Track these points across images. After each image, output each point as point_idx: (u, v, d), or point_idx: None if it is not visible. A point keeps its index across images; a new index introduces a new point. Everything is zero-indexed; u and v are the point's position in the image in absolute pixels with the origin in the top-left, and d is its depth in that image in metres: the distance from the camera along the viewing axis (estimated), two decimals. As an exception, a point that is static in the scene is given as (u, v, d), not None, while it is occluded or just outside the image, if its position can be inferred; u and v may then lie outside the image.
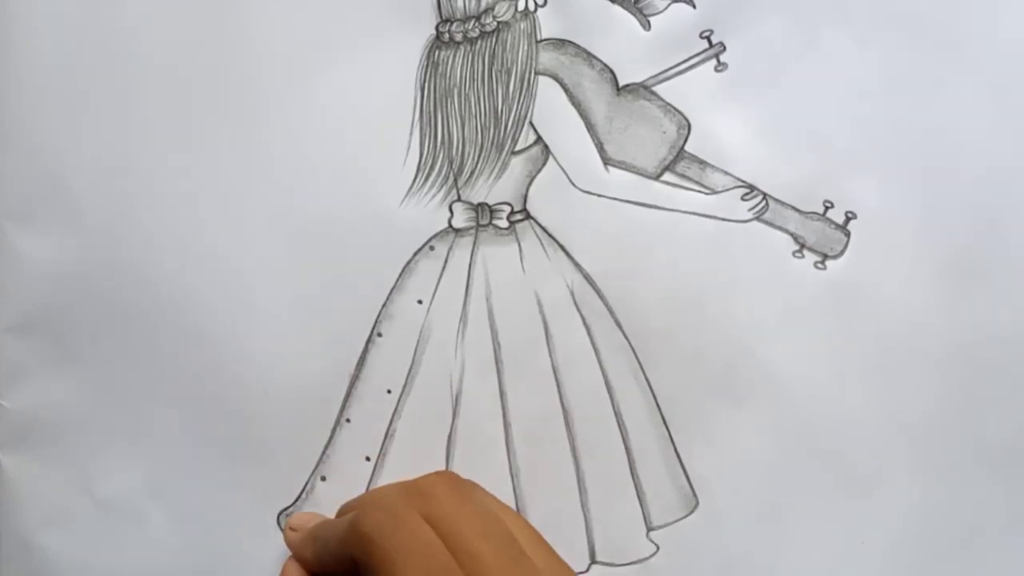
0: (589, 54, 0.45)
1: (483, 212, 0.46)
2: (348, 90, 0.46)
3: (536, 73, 0.46)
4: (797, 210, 0.45)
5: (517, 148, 0.46)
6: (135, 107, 0.47)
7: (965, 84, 0.44)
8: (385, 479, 0.47)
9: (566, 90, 0.46)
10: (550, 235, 0.46)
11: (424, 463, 0.47)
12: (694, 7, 0.45)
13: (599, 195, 0.46)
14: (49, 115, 0.47)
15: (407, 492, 0.38)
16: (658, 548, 0.46)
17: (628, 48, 0.45)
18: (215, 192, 0.47)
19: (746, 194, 0.45)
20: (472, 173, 0.46)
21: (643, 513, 0.46)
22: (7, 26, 0.47)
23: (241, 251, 0.47)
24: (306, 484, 0.47)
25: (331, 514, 0.46)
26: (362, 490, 0.47)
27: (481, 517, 0.37)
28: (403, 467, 0.47)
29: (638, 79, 0.45)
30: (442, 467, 0.47)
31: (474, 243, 0.46)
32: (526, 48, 0.46)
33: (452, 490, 0.38)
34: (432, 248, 0.46)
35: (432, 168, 0.46)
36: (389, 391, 0.47)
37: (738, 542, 0.45)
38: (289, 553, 0.44)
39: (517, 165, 0.46)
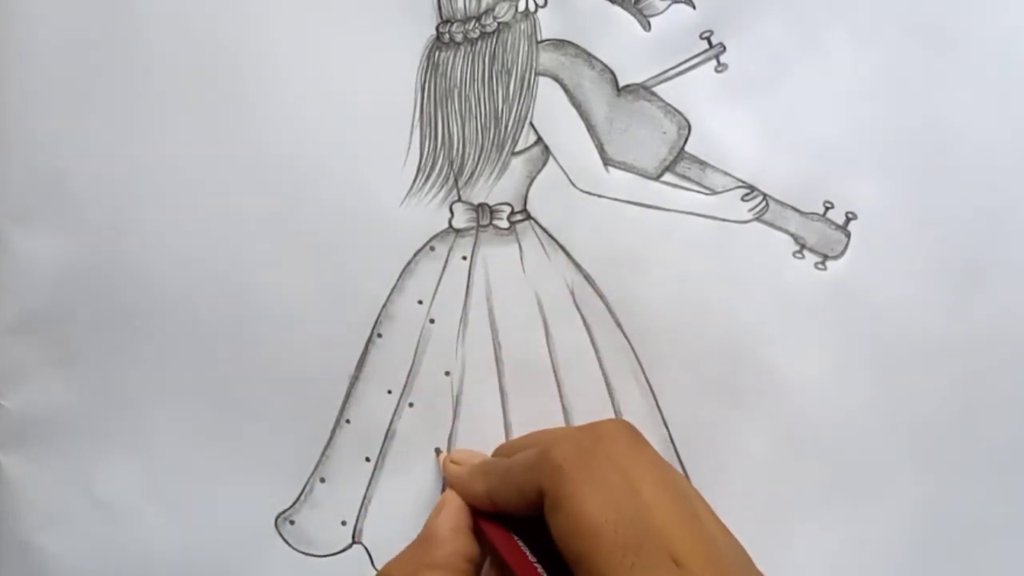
0: (589, 55, 0.45)
1: (483, 212, 0.46)
2: (348, 90, 0.46)
3: (536, 74, 0.46)
4: (797, 211, 0.45)
5: (517, 148, 0.46)
6: (135, 107, 0.47)
7: (965, 84, 0.44)
8: (385, 479, 0.47)
9: (566, 91, 0.46)
10: (550, 235, 0.46)
11: (424, 464, 0.47)
12: (694, 8, 0.45)
13: (599, 196, 0.46)
14: (49, 115, 0.47)
15: (591, 434, 0.38)
16: (658, 549, 0.46)
17: (628, 49, 0.45)
18: (215, 192, 0.47)
19: (746, 195, 0.45)
20: (472, 173, 0.46)
21: (643, 514, 0.46)
22: (7, 26, 0.47)
23: (241, 251, 0.47)
24: (305, 485, 0.47)
25: (334, 520, 0.46)
26: (361, 492, 0.47)
27: (659, 469, 0.37)
28: (403, 468, 0.47)
29: (638, 80, 0.45)
30: (442, 471, 0.47)
31: (474, 243, 0.47)
32: (526, 49, 0.46)
33: (631, 439, 0.38)
34: (432, 248, 0.46)
35: (432, 168, 0.46)
36: (389, 391, 0.47)
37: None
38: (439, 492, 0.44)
39: (517, 165, 0.46)
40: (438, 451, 0.46)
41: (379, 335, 0.47)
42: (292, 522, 0.47)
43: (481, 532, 0.41)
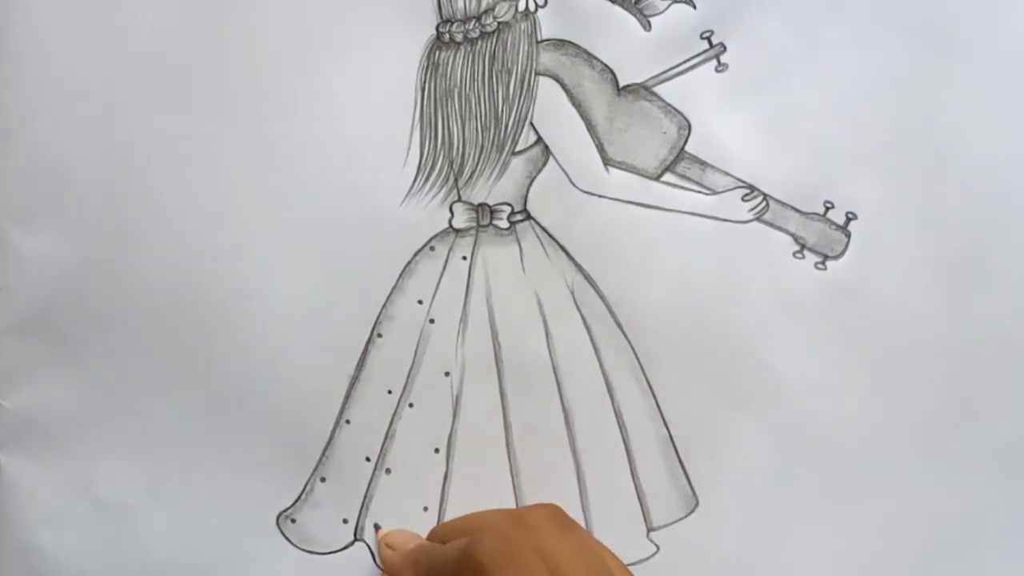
0: (589, 54, 0.45)
1: (483, 212, 0.46)
2: (348, 91, 0.46)
3: (536, 73, 0.46)
4: (798, 211, 0.45)
5: (517, 148, 0.46)
6: (135, 108, 0.47)
7: (965, 84, 0.44)
8: (385, 479, 0.47)
9: (566, 90, 0.46)
10: (550, 235, 0.46)
11: (424, 464, 0.47)
12: (694, 7, 0.45)
13: (600, 196, 0.46)
14: (50, 115, 0.47)
15: (517, 523, 0.39)
16: (658, 548, 0.46)
17: (628, 48, 0.45)
18: (215, 193, 0.47)
19: (746, 195, 0.45)
20: (472, 173, 0.46)
21: (643, 513, 0.46)
22: (7, 26, 0.47)
23: (241, 251, 0.47)
24: (306, 485, 0.47)
25: (335, 518, 0.46)
26: (362, 492, 0.47)
27: (587, 555, 0.38)
28: (403, 468, 0.47)
29: (638, 79, 0.45)
30: (442, 468, 0.47)
31: (474, 243, 0.46)
32: (526, 49, 0.46)
33: (558, 525, 0.39)
34: (432, 248, 0.46)
35: (432, 168, 0.46)
36: (389, 392, 0.47)
37: (738, 542, 0.45)
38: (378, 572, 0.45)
39: (517, 165, 0.46)
40: (377, 527, 0.47)
41: (379, 335, 0.47)
42: (293, 520, 0.47)
43: None
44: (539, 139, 0.46)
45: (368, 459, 0.47)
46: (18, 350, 0.47)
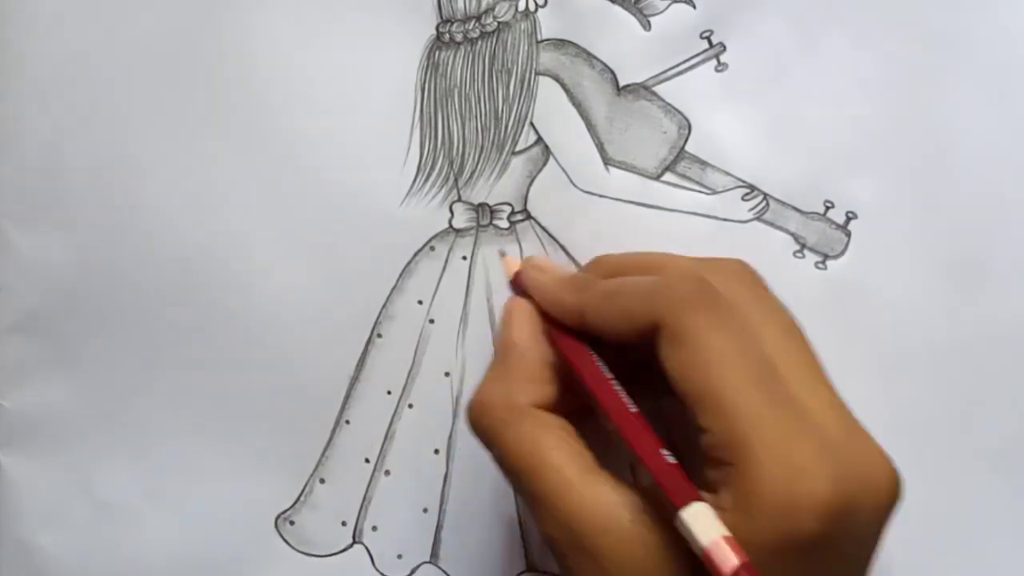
0: (589, 54, 0.45)
1: (483, 212, 0.46)
2: (348, 90, 0.46)
3: (536, 73, 0.46)
4: (798, 210, 0.45)
5: (517, 148, 0.46)
6: (135, 108, 0.47)
7: (965, 84, 0.44)
8: (385, 480, 0.47)
9: (566, 90, 0.46)
10: (551, 235, 0.46)
11: (424, 465, 0.47)
12: (694, 7, 0.45)
13: (600, 195, 0.46)
14: (49, 115, 0.47)
15: (713, 270, 0.36)
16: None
17: (628, 48, 0.45)
18: (215, 193, 0.47)
19: (746, 194, 0.45)
20: (472, 173, 0.46)
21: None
22: (7, 26, 0.47)
23: (240, 251, 0.47)
24: (305, 486, 0.47)
25: (334, 520, 0.46)
26: (361, 493, 0.47)
27: (780, 315, 0.36)
28: (403, 469, 0.47)
29: (638, 79, 0.45)
30: (443, 469, 0.47)
31: (475, 243, 0.47)
32: (526, 48, 0.46)
33: (752, 282, 0.37)
34: (432, 248, 0.46)
35: (432, 168, 0.46)
36: (389, 392, 0.47)
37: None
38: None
39: (517, 165, 0.46)
40: (503, 254, 0.45)
41: (379, 335, 0.47)
42: (292, 522, 0.47)
43: (553, 344, 0.38)
44: (539, 139, 0.46)
45: (367, 460, 0.47)
46: (18, 350, 0.48)
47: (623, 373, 0.36)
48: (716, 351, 0.33)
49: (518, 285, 0.40)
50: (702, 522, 0.30)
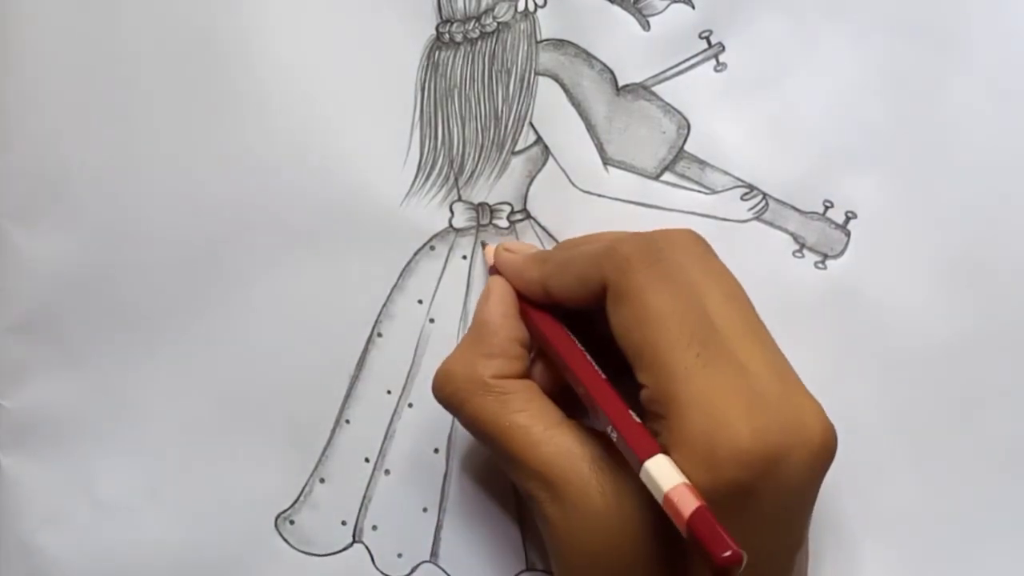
0: (589, 54, 0.45)
1: (483, 212, 0.46)
2: (348, 90, 0.46)
3: (536, 73, 0.46)
4: (797, 210, 0.45)
5: (517, 148, 0.46)
6: (135, 108, 0.47)
7: (965, 84, 0.44)
8: (384, 480, 0.47)
9: (566, 90, 0.46)
10: (550, 235, 0.46)
11: (424, 466, 0.47)
12: (693, 7, 0.45)
13: (599, 195, 0.46)
14: (49, 115, 0.47)
15: (661, 236, 0.38)
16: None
17: (628, 48, 0.45)
18: (215, 192, 0.47)
19: (746, 194, 0.45)
20: (472, 173, 0.46)
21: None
22: (7, 26, 0.47)
23: (241, 251, 0.47)
24: (305, 486, 0.47)
25: (334, 519, 0.46)
26: (360, 493, 0.47)
27: (725, 279, 0.38)
28: (403, 468, 0.47)
29: (638, 79, 0.45)
30: (442, 468, 0.47)
31: (475, 243, 0.47)
32: (526, 49, 0.46)
33: (699, 247, 0.38)
34: (432, 248, 0.46)
35: (432, 168, 0.46)
36: (389, 392, 0.47)
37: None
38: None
39: (517, 165, 0.46)
40: (484, 244, 0.46)
41: (379, 335, 0.47)
42: (292, 522, 0.47)
43: (527, 319, 0.41)
44: (539, 139, 0.46)
45: (367, 460, 0.47)
46: (18, 350, 0.48)
47: (598, 349, 0.39)
48: (654, 308, 0.35)
49: (496, 270, 0.43)
50: (663, 472, 0.32)
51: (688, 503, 0.31)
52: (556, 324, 0.40)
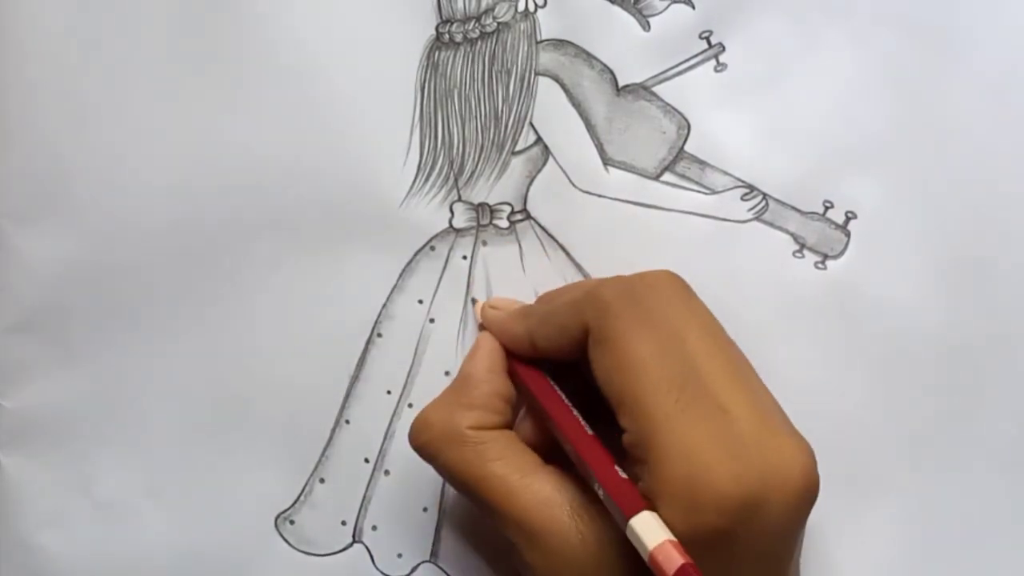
0: (589, 54, 0.45)
1: (484, 212, 0.46)
2: (348, 90, 0.46)
3: (536, 74, 0.46)
4: (797, 210, 0.45)
5: (517, 148, 0.46)
6: (135, 107, 0.47)
7: (965, 83, 0.44)
8: (384, 480, 0.47)
9: (566, 90, 0.46)
10: (550, 235, 0.46)
11: (424, 466, 0.47)
12: (693, 7, 0.45)
13: (599, 195, 0.46)
14: (49, 114, 0.47)
15: (640, 280, 0.38)
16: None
17: (628, 48, 0.45)
18: (215, 192, 0.47)
19: (746, 194, 0.45)
20: (472, 173, 0.46)
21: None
22: (7, 26, 0.47)
23: (241, 251, 0.47)
24: (305, 486, 0.47)
25: (333, 519, 0.46)
26: (360, 493, 0.47)
27: (705, 320, 0.38)
28: (403, 469, 0.47)
29: (638, 79, 0.45)
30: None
31: (475, 243, 0.47)
32: (526, 49, 0.46)
33: (679, 288, 0.38)
34: (432, 248, 0.46)
35: (432, 168, 0.46)
36: (389, 392, 0.47)
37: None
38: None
39: (517, 165, 0.46)
40: (474, 300, 0.46)
41: (379, 335, 0.47)
42: (292, 522, 0.47)
43: (515, 375, 0.41)
44: (539, 139, 0.46)
45: (367, 460, 0.47)
46: (18, 350, 0.48)
47: (587, 397, 0.39)
48: (634, 354, 0.35)
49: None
50: (648, 529, 0.32)
51: (672, 561, 0.31)
52: (543, 379, 0.40)
